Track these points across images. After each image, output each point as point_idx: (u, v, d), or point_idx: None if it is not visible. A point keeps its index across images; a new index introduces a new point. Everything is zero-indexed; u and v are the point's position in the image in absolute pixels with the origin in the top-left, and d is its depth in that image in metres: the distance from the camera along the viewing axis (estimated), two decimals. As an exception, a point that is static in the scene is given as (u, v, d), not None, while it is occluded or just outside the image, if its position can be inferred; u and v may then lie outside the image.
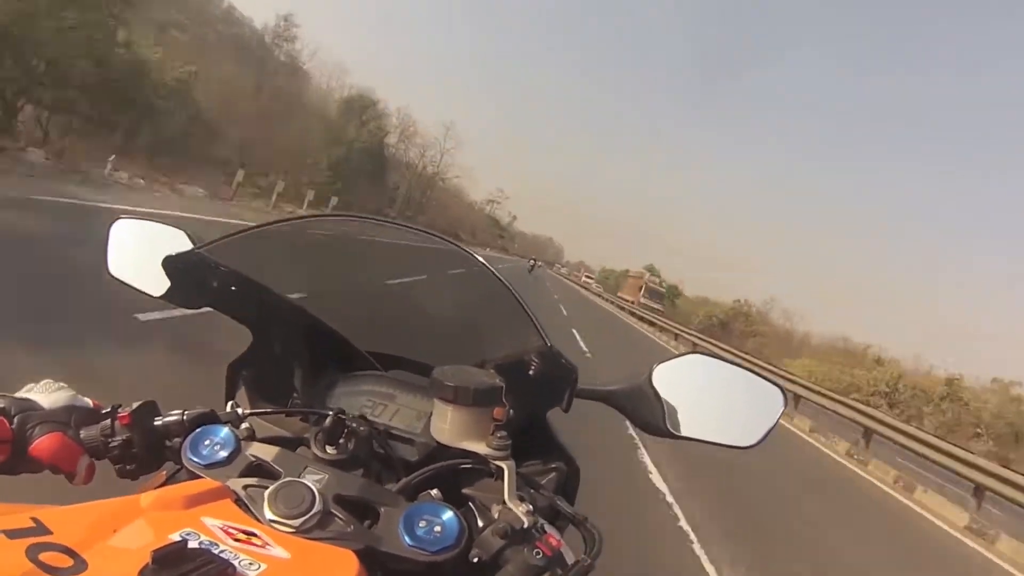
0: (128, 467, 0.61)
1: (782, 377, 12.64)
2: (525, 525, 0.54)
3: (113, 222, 0.82)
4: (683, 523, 3.82)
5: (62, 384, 0.63)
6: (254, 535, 0.46)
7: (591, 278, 77.86)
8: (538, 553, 0.52)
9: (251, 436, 0.62)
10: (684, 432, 0.70)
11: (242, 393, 0.80)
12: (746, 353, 18.90)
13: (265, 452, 0.58)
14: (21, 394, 0.60)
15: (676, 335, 21.24)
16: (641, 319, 27.97)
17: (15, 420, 0.57)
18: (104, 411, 0.62)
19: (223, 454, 0.58)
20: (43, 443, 0.57)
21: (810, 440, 9.79)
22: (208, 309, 0.81)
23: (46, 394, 0.61)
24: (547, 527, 0.57)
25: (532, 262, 45.64)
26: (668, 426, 0.70)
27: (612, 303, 39.85)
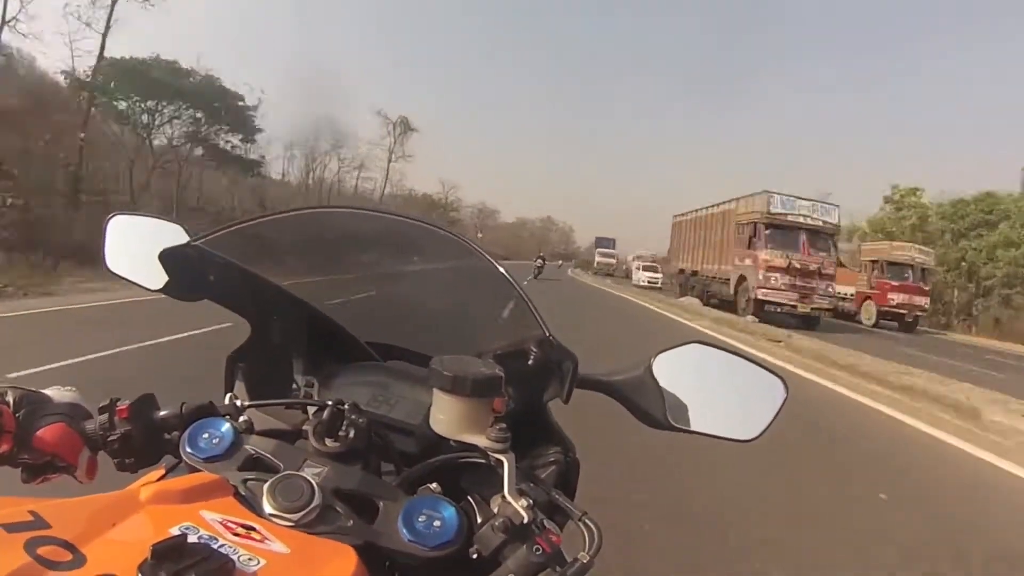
0: (127, 460, 0.61)
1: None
2: (525, 520, 0.53)
3: (110, 218, 0.82)
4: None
5: (71, 388, 0.65)
6: (253, 529, 0.46)
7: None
8: (538, 550, 0.52)
9: (250, 429, 0.62)
10: (685, 425, 0.70)
11: (241, 385, 0.80)
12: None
13: (264, 445, 0.58)
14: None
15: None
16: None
17: (22, 411, 0.58)
18: (102, 405, 0.62)
19: (222, 447, 0.57)
20: (46, 433, 0.58)
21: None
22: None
23: (55, 390, 0.63)
24: (547, 522, 0.57)
25: (540, 262, 31.12)
26: (669, 419, 0.69)
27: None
